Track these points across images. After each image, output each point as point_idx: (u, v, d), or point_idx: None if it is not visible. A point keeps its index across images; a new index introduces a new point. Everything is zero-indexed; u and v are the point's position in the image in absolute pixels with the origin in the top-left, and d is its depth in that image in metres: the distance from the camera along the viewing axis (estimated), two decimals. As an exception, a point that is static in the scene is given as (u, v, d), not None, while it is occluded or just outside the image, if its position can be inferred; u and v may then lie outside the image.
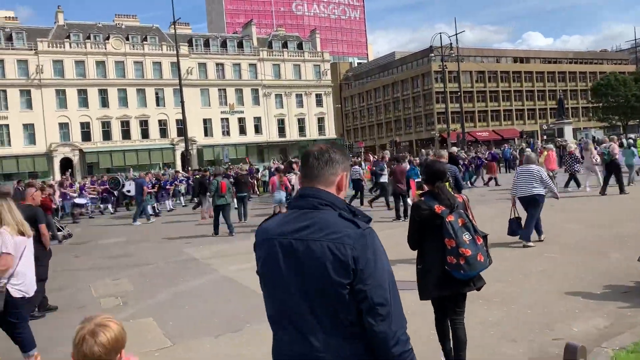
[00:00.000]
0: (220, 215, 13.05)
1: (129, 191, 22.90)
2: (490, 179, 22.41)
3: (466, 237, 4.01)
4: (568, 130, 50.19)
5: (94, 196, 23.84)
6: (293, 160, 24.63)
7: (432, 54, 46.44)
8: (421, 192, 4.54)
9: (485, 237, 4.20)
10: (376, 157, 24.81)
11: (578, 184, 16.67)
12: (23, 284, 4.79)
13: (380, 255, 1.88)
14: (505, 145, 40.85)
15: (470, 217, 4.24)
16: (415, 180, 6.13)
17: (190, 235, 13.76)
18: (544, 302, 6.06)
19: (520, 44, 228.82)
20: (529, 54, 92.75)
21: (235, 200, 15.65)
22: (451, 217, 4.03)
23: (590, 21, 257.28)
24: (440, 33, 45.80)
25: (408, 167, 13.57)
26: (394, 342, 1.81)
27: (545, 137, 67.24)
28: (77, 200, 21.02)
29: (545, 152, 17.52)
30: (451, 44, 46.68)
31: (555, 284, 6.75)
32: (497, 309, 5.90)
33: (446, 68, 47.64)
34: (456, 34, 47.66)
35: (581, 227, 10.60)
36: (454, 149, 17.59)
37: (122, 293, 7.77)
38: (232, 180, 15.74)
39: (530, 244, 8.98)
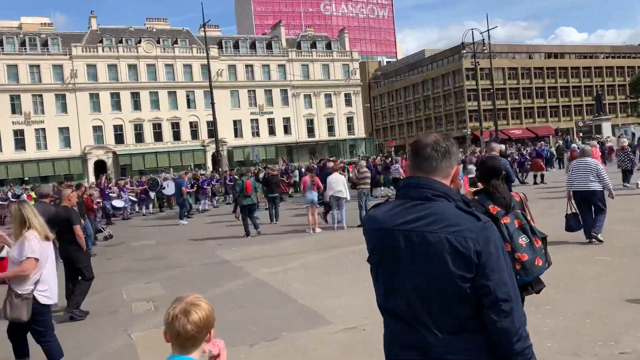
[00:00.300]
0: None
1: (163, 188, 22.94)
2: (541, 176, 21.46)
3: (523, 240, 3.68)
4: (606, 127, 48.65)
5: (133, 198, 23.66)
6: (331, 158, 24.22)
7: (464, 51, 45.44)
8: (475, 190, 4.16)
9: (544, 238, 3.85)
10: None
11: (628, 182, 15.96)
12: (49, 289, 4.60)
13: (502, 250, 1.83)
14: (542, 142, 39.65)
15: (529, 217, 3.87)
16: (469, 177, 5.72)
17: (222, 236, 13.59)
18: (603, 310, 5.57)
19: (553, 39, 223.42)
20: (564, 49, 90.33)
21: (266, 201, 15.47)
22: (507, 219, 3.68)
23: (626, 14, 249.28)
24: (472, 29, 44.80)
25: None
26: (517, 338, 1.78)
27: (581, 134, 65.33)
28: (115, 203, 21.00)
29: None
30: (483, 40, 45.65)
31: (613, 290, 6.24)
32: (551, 317, 5.45)
33: (478, 65, 46.59)
34: (488, 30, 46.52)
35: (633, 228, 9.96)
36: (502, 146, 17.09)
37: (154, 297, 7.58)
38: (265, 180, 15.57)
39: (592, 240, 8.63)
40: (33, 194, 17.69)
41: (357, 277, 7.09)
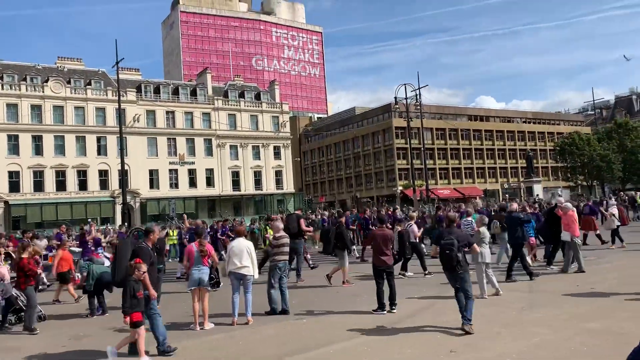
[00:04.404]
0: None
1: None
2: (586, 236, 17.29)
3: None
4: (538, 189, 48.18)
5: (107, 255, 16.57)
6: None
7: (397, 105, 43.69)
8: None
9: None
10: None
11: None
12: None
13: None
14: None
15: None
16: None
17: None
18: None
19: (474, 107, 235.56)
20: (489, 112, 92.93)
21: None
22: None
23: (538, 88, 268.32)
24: (404, 84, 43.36)
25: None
26: None
27: (507, 195, 65.41)
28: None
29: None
30: (416, 95, 44.34)
31: None
32: None
33: (411, 120, 45.02)
34: (419, 88, 45.25)
35: None
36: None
37: None
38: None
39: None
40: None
41: None
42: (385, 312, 8.55)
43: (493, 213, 18.13)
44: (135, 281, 6.80)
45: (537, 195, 42.75)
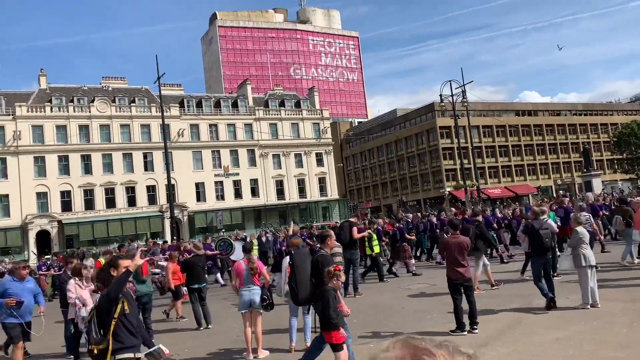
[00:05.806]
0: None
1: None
2: None
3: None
4: (597, 183, 45.31)
5: None
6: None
7: (442, 104, 42.15)
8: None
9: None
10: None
11: None
12: None
13: None
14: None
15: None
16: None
17: None
18: None
19: (520, 102, 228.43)
20: (537, 106, 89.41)
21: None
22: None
23: (583, 80, 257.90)
24: (450, 80, 41.79)
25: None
26: None
27: (560, 192, 62.34)
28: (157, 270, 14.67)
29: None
30: (462, 93, 42.67)
31: None
32: None
33: (458, 118, 43.39)
34: (464, 85, 43.62)
35: None
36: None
37: None
38: (186, 263, 10.34)
39: None
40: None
41: None
42: (465, 332, 7.42)
43: (613, 207, 17.01)
44: (335, 291, 5.69)
45: (603, 189, 40.14)
